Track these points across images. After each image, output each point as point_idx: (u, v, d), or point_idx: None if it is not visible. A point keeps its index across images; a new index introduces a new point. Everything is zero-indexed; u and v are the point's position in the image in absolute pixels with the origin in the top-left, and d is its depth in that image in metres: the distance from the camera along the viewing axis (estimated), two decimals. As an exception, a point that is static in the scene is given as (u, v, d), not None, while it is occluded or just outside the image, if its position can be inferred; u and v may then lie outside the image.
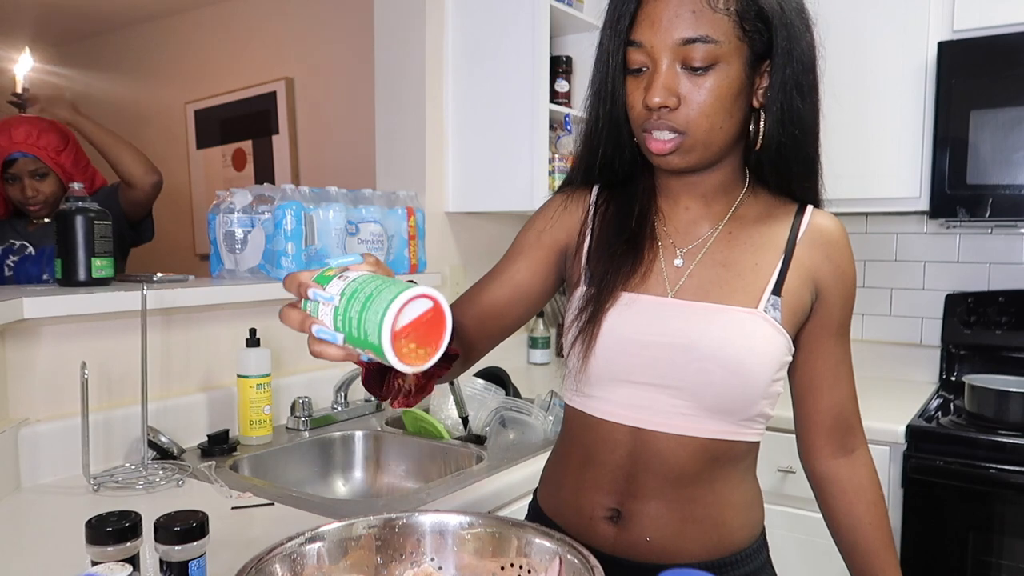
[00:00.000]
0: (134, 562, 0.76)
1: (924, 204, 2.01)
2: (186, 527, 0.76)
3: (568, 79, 2.27)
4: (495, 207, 2.14)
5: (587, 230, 0.93)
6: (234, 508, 1.19)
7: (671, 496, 0.86)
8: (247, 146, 3.71)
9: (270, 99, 3.56)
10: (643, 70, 0.82)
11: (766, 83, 0.83)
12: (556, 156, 2.12)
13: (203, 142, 3.91)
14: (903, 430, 1.79)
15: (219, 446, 1.47)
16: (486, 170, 2.13)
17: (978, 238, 2.25)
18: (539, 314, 2.52)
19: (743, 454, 0.89)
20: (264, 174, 3.64)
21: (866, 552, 0.92)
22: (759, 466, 0.94)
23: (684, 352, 0.83)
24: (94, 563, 0.74)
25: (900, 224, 2.35)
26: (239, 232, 1.68)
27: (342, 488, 1.63)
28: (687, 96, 0.79)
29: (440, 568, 0.76)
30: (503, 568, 0.75)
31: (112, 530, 0.75)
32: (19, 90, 1.98)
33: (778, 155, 0.85)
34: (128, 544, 0.75)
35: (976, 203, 1.92)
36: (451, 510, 0.84)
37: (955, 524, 1.74)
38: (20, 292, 1.32)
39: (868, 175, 2.07)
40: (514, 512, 1.32)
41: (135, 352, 1.32)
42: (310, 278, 0.63)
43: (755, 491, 0.93)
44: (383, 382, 0.74)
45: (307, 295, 0.62)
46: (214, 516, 0.85)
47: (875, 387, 2.21)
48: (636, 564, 0.86)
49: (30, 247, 2.02)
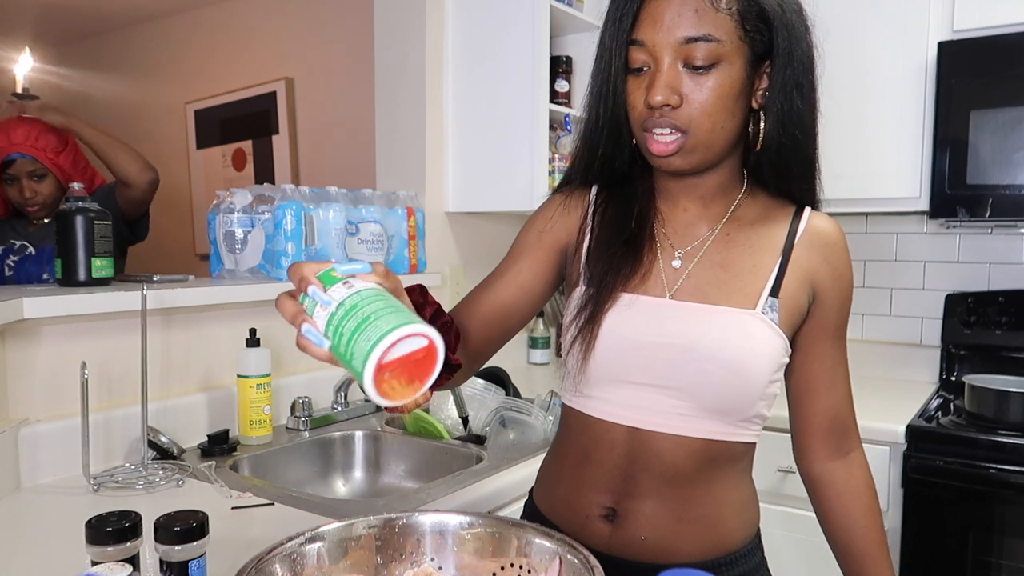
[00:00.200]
0: (134, 562, 0.76)
1: (924, 204, 2.01)
2: (186, 527, 0.76)
3: (568, 79, 2.27)
4: (495, 207, 2.14)
5: (586, 230, 0.93)
6: (234, 508, 1.19)
7: (667, 496, 0.86)
8: (247, 146, 3.71)
9: (270, 99, 3.56)
10: (644, 69, 0.82)
11: (766, 84, 0.83)
12: (556, 156, 2.12)
13: (203, 142, 3.91)
14: (903, 430, 1.79)
15: (219, 446, 1.47)
16: (486, 170, 2.13)
17: (978, 238, 2.25)
18: (539, 314, 2.52)
19: (740, 455, 0.89)
20: (264, 174, 3.63)
21: (860, 554, 0.92)
22: (759, 466, 0.94)
23: (683, 353, 0.83)
24: (94, 563, 0.74)
25: (900, 224, 2.35)
26: (239, 232, 1.68)
27: (342, 488, 1.63)
28: (689, 95, 0.79)
29: (440, 568, 0.76)
30: (503, 568, 0.74)
31: (112, 530, 0.75)
32: (19, 90, 1.98)
33: (778, 156, 0.86)
34: (128, 544, 0.75)
35: (976, 203, 1.92)
36: (451, 510, 0.84)
37: (955, 524, 1.74)
38: (20, 292, 1.32)
39: (868, 175, 2.07)
40: (514, 512, 1.32)
41: (135, 352, 1.32)
42: (314, 273, 0.61)
43: (751, 492, 0.93)
44: None
45: (307, 291, 0.60)
46: (214, 516, 0.85)
47: (875, 387, 2.21)
48: (631, 563, 0.86)
49: (30, 247, 2.02)
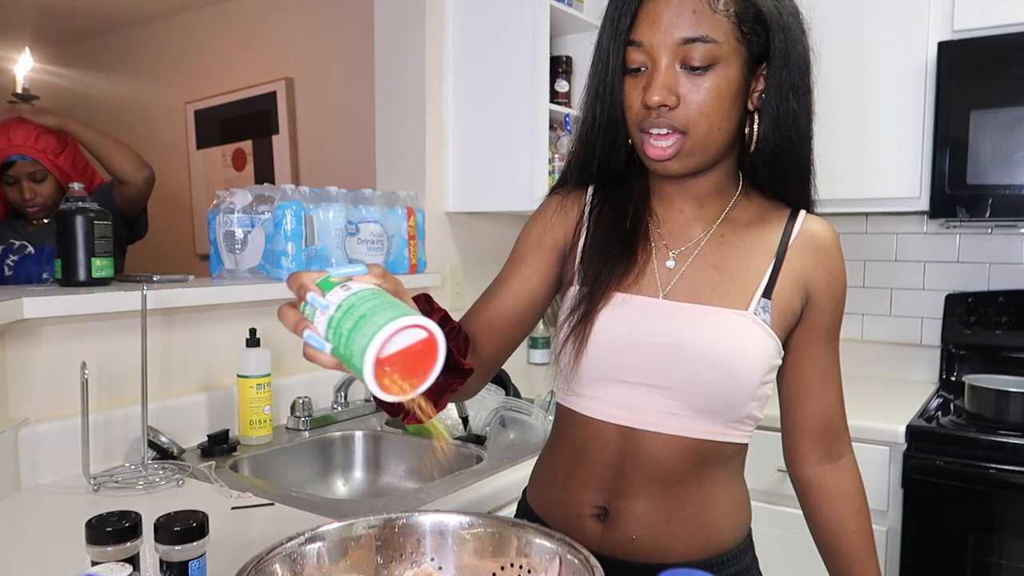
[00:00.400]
0: (134, 562, 0.76)
1: (924, 204, 2.01)
2: (186, 527, 0.76)
3: (568, 79, 2.27)
4: (495, 207, 2.14)
5: (582, 229, 0.93)
6: (234, 508, 1.19)
7: (658, 495, 0.86)
8: (247, 146, 3.71)
9: (270, 99, 3.56)
10: (642, 70, 0.82)
11: (762, 86, 0.83)
12: (556, 156, 2.12)
13: (203, 142, 3.91)
14: (903, 430, 1.79)
15: (219, 446, 1.47)
16: (486, 170, 2.13)
17: (978, 238, 2.25)
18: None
19: (731, 455, 0.89)
20: (264, 174, 3.63)
21: (849, 558, 0.92)
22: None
23: (675, 352, 0.83)
24: (94, 563, 0.74)
25: (900, 224, 2.35)
26: (239, 232, 1.68)
27: (342, 488, 1.63)
28: (686, 96, 0.79)
29: (440, 568, 0.76)
30: (503, 568, 0.75)
31: (112, 530, 0.75)
32: (19, 90, 1.98)
33: (773, 157, 0.86)
34: (128, 544, 0.75)
35: (976, 203, 1.92)
36: (451, 510, 0.84)
37: (955, 524, 1.74)
38: (20, 292, 1.32)
39: (868, 175, 2.07)
40: (514, 512, 1.32)
41: (135, 352, 1.32)
42: (312, 281, 0.62)
43: (743, 493, 0.93)
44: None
45: (305, 298, 0.61)
46: (214, 516, 0.85)
47: (875, 387, 2.21)
48: (622, 563, 0.86)
49: (30, 247, 2.02)
